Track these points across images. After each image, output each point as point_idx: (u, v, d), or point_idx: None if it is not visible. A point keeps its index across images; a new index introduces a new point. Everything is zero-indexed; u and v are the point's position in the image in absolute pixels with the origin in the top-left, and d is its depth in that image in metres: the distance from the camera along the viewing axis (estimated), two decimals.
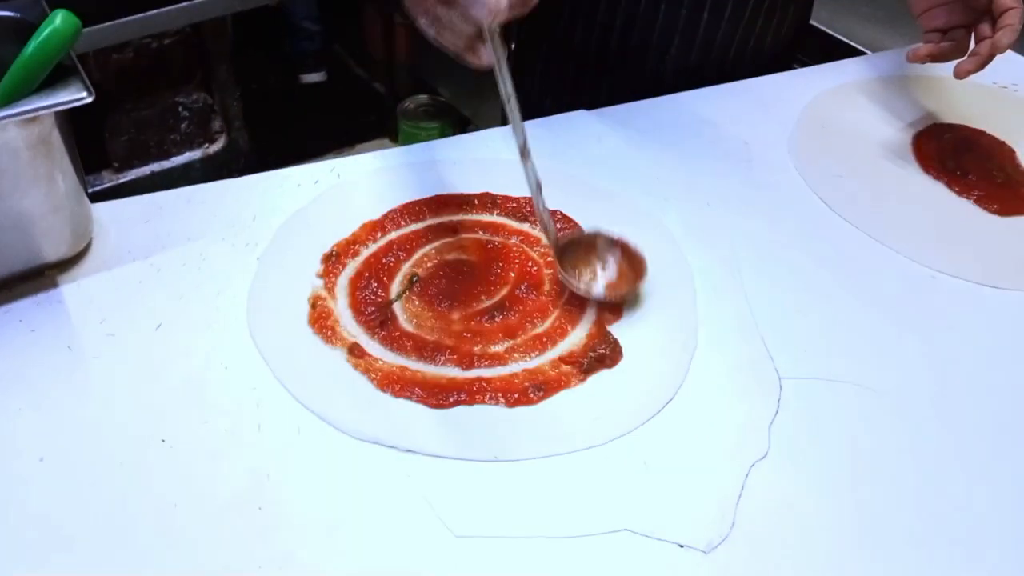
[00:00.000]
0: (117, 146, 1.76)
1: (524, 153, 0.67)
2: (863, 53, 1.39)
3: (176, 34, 1.58)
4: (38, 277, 0.66)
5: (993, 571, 0.53)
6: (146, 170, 1.77)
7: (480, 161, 0.84)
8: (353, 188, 0.79)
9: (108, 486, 0.53)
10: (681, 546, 0.52)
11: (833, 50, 1.40)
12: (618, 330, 0.66)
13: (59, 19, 0.58)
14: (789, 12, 1.03)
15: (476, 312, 0.67)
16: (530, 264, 0.72)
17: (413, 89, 2.54)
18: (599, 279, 0.70)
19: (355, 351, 0.63)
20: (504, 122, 0.71)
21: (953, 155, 0.88)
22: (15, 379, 0.59)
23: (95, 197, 0.71)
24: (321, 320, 0.65)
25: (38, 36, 0.58)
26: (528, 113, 1.12)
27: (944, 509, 0.56)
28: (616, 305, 0.68)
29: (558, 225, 0.75)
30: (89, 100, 0.59)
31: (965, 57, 0.86)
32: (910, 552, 0.53)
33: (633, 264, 0.70)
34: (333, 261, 0.70)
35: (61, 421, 0.57)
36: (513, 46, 1.97)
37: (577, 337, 0.66)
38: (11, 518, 0.51)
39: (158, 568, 0.50)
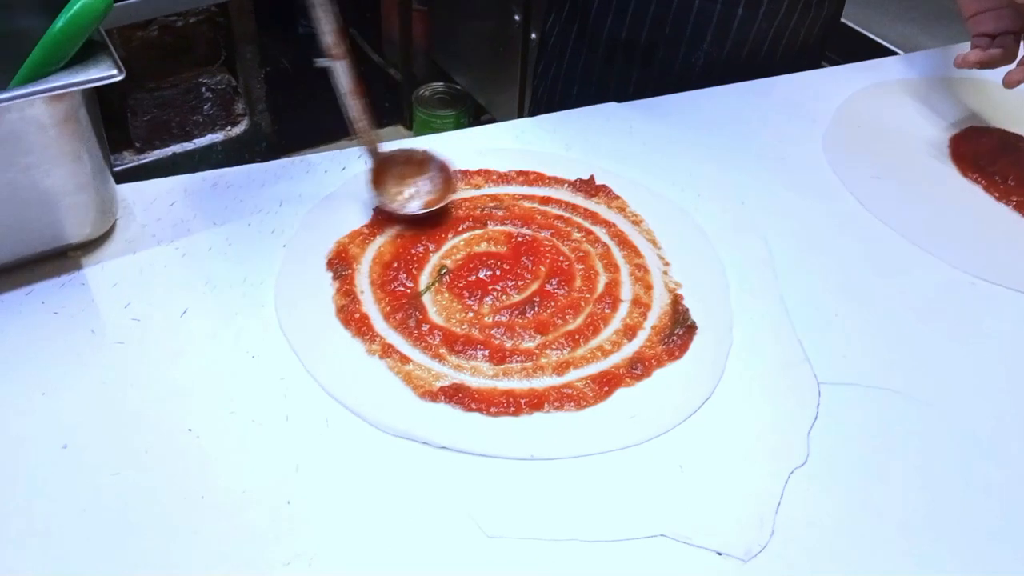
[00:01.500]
0: (139, 126, 1.75)
1: (331, 51, 0.59)
2: (893, 52, 1.37)
3: (201, 12, 1.56)
4: (61, 258, 0.65)
5: None
6: (167, 151, 1.74)
7: (509, 152, 0.83)
8: None
9: (133, 476, 0.52)
10: (719, 553, 0.51)
11: (862, 48, 1.38)
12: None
13: None
14: (823, 10, 1.01)
15: (506, 306, 0.66)
16: (561, 259, 0.70)
17: (429, 76, 2.51)
18: (416, 197, 0.72)
19: (388, 352, 0.61)
20: (521, 113, 0.69)
21: (991, 159, 0.86)
22: (37, 362, 0.58)
23: (116, 177, 0.69)
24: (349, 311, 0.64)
25: (68, 10, 0.57)
26: (554, 103, 1.11)
27: (987, 519, 0.55)
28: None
29: (600, 199, 0.77)
30: (120, 78, 0.58)
31: (1014, 66, 0.84)
32: (955, 563, 0.52)
33: (446, 178, 0.72)
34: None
35: (85, 407, 0.55)
36: (534, 36, 1.95)
37: (606, 335, 0.65)
38: (33, 506, 0.50)
39: (183, 561, 0.48)
